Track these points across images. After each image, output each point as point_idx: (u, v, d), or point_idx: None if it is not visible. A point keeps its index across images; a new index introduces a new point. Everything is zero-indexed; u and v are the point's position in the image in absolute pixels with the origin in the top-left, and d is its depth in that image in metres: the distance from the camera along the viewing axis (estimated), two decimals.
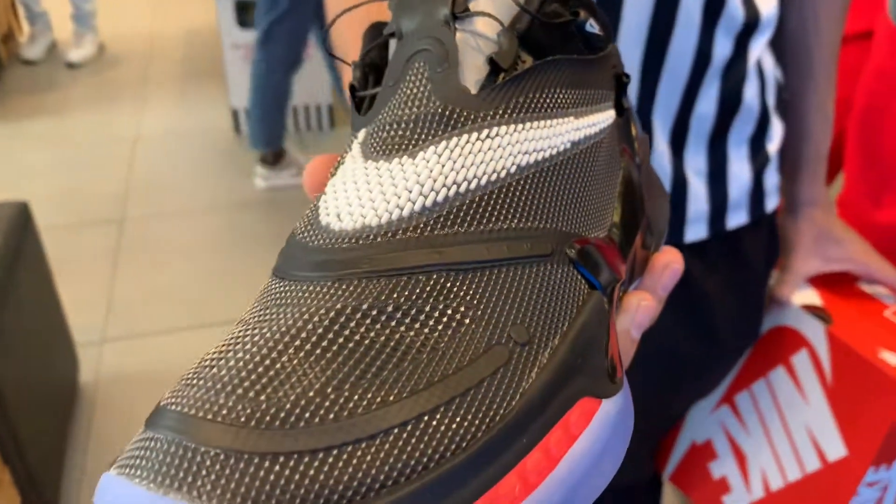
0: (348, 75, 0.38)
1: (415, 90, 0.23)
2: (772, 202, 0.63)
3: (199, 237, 2.10)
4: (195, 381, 0.19)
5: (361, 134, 0.24)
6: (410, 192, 0.22)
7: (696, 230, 0.59)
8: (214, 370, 0.19)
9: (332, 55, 0.28)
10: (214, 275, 1.96)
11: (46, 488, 1.27)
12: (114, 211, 2.21)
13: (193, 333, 1.76)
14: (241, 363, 0.19)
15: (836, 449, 0.64)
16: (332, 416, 0.17)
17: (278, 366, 0.18)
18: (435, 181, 0.22)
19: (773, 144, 0.61)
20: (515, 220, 0.22)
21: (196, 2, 3.84)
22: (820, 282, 0.68)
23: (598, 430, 0.20)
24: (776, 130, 0.61)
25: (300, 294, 0.21)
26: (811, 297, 0.67)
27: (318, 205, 0.23)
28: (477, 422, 0.18)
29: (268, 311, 0.21)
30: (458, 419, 0.18)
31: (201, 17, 3.66)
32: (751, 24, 0.53)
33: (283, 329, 0.19)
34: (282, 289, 0.21)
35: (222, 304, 1.85)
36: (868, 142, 1.26)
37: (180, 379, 0.20)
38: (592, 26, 0.26)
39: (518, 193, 0.23)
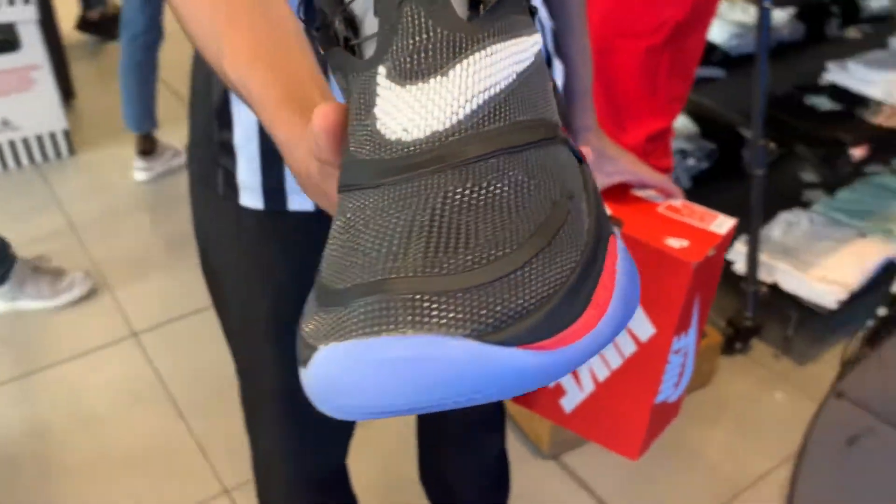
0: (230, 47, 0.40)
1: (418, 25, 0.28)
2: None
3: None
4: (354, 262, 0.26)
5: (382, 69, 0.29)
6: (458, 100, 0.28)
7: None
8: (372, 254, 0.25)
9: (309, 24, 0.32)
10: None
11: None
12: None
13: (17, 384, 1.61)
14: (395, 243, 0.25)
15: (645, 330, 0.77)
16: (486, 261, 0.25)
17: (435, 233, 0.25)
18: (469, 90, 0.28)
19: (559, 81, 0.71)
20: (526, 114, 0.29)
21: None
22: (604, 194, 0.80)
23: (624, 260, 0.28)
24: (558, 69, 0.71)
25: (409, 190, 0.27)
26: None
27: (378, 129, 0.28)
28: (573, 250, 0.26)
29: (380, 211, 0.27)
30: (562, 251, 0.26)
31: None
32: None
33: (421, 212, 0.26)
34: (379, 194, 0.28)
35: (43, 347, 1.70)
36: (604, 79, 1.44)
37: (321, 279, 0.27)
38: None
39: (521, 93, 0.29)
